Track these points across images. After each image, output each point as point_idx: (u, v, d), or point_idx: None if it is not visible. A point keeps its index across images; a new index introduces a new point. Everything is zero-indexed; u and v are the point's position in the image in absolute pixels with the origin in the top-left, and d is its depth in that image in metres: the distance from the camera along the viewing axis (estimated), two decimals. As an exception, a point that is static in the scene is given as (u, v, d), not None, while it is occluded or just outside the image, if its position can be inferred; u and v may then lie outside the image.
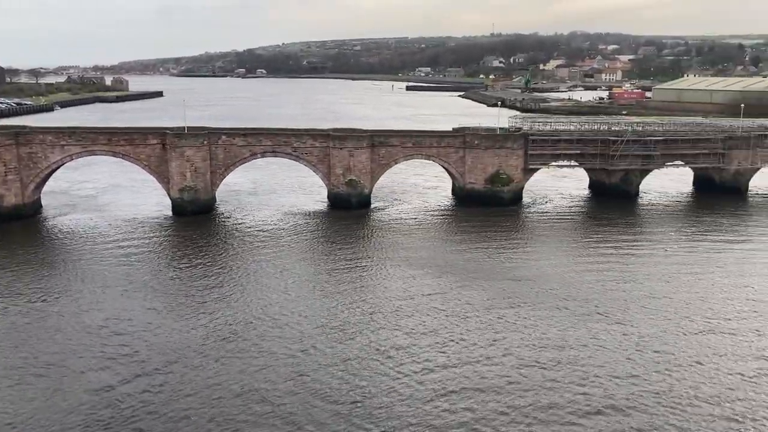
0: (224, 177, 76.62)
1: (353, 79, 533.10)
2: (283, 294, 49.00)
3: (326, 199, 79.03)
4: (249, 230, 67.30)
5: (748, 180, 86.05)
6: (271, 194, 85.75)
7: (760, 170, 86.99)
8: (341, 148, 76.08)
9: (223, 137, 75.66)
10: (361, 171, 76.47)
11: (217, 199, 77.46)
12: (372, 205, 77.76)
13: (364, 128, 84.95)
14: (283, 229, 67.97)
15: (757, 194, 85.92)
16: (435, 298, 48.49)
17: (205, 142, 73.89)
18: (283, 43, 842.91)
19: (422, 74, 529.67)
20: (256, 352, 39.44)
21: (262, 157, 78.26)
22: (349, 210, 75.09)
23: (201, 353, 39.28)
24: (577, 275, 53.68)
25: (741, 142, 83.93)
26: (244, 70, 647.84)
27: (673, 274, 53.86)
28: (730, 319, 44.54)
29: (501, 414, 33.18)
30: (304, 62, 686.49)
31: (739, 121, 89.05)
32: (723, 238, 64.99)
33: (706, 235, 66.65)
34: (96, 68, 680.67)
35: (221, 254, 58.98)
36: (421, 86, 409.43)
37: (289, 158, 78.56)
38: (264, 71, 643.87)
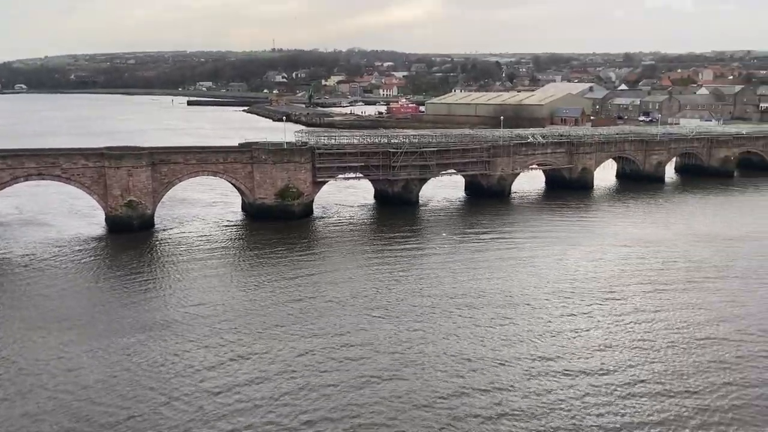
0: (-20, 204, 68.07)
1: (129, 93, 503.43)
2: (44, 329, 44.84)
3: (104, 223, 73.62)
4: (10, 262, 60.34)
5: (511, 184, 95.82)
6: (38, 221, 77.64)
7: (519, 175, 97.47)
8: (118, 168, 71.42)
9: (-24, 160, 67.24)
10: (141, 191, 72.40)
11: (-27, 230, 68.54)
12: (156, 227, 73.97)
13: (143, 145, 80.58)
14: (51, 258, 61.83)
15: (518, 197, 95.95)
16: (222, 306, 48.45)
17: (-46, 166, 65.10)
18: (45, 56, 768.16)
19: (204, 89, 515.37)
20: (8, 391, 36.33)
21: (26, 180, 70.83)
22: (130, 233, 70.64)
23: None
24: (364, 278, 56.44)
25: (502, 150, 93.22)
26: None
27: (443, 270, 58.88)
28: (483, 306, 49.32)
29: (275, 399, 35.72)
30: (72, 76, 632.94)
31: (499, 131, 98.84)
32: (488, 237, 71.48)
33: (474, 234, 72.78)
34: None
35: (-21, 291, 52.23)
36: (204, 101, 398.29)
37: (59, 181, 72.03)
38: (24, 86, 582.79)
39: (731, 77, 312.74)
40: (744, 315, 48.27)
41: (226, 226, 76.63)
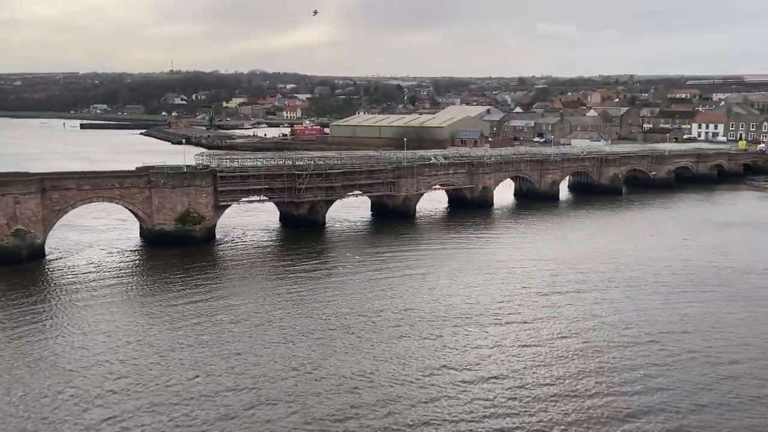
0: None
1: (16, 117, 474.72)
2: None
3: (-12, 254, 68.75)
4: None
5: (415, 204, 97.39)
6: None
7: (423, 195, 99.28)
8: (3, 195, 67.08)
9: None
10: (30, 219, 68.27)
11: None
12: (46, 257, 69.85)
13: (32, 171, 76.12)
14: (-68, 293, 57.13)
15: (422, 216, 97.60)
16: (111, 336, 47.25)
17: None
18: None
19: (98, 111, 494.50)
20: None
21: None
22: (18, 264, 66.29)
23: None
24: (264, 301, 56.01)
25: (406, 171, 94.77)
26: None
27: (345, 290, 59.47)
28: (381, 322, 50.02)
29: (163, 426, 33.50)
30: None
31: (403, 153, 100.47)
32: (391, 256, 72.23)
33: (378, 254, 73.25)
34: None
35: None
36: (98, 124, 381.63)
37: (-65, 209, 66.73)
38: None
39: (617, 100, 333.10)
40: (623, 321, 52.04)
41: (123, 253, 73.40)
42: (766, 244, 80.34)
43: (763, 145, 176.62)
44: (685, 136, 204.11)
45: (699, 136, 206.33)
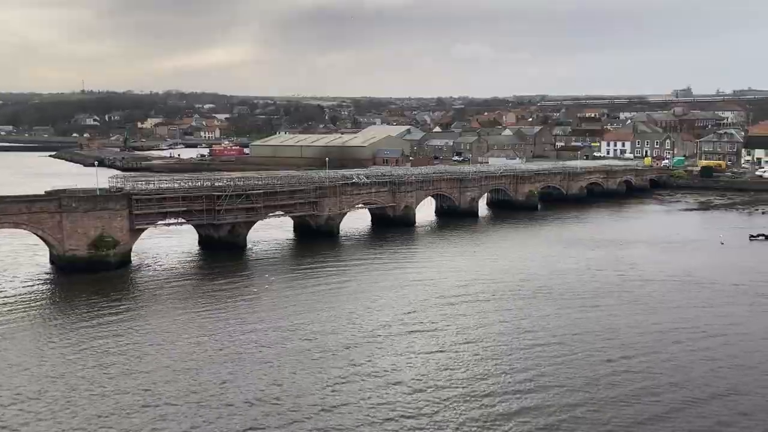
0: None
1: None
2: None
3: None
4: None
5: (339, 223, 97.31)
6: None
7: (347, 214, 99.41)
8: None
9: None
10: (-73, 248, 63.97)
11: None
12: (-54, 287, 65.59)
13: (-72, 197, 71.52)
14: None
15: (346, 235, 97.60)
16: (38, 360, 44.81)
17: None
18: None
19: (3, 133, 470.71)
20: None
21: None
22: None
23: None
24: (174, 328, 54.68)
25: (329, 190, 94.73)
26: None
27: (260, 312, 59.32)
28: (293, 335, 49.97)
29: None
30: None
31: (325, 172, 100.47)
32: (312, 275, 72.40)
33: (300, 275, 72.99)
34: None
35: None
36: (2, 146, 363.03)
37: None
38: None
39: (530, 119, 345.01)
40: (527, 326, 54.84)
41: (30, 281, 69.70)
42: (667, 254, 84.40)
43: (666, 161, 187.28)
44: (595, 154, 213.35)
45: (608, 153, 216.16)
